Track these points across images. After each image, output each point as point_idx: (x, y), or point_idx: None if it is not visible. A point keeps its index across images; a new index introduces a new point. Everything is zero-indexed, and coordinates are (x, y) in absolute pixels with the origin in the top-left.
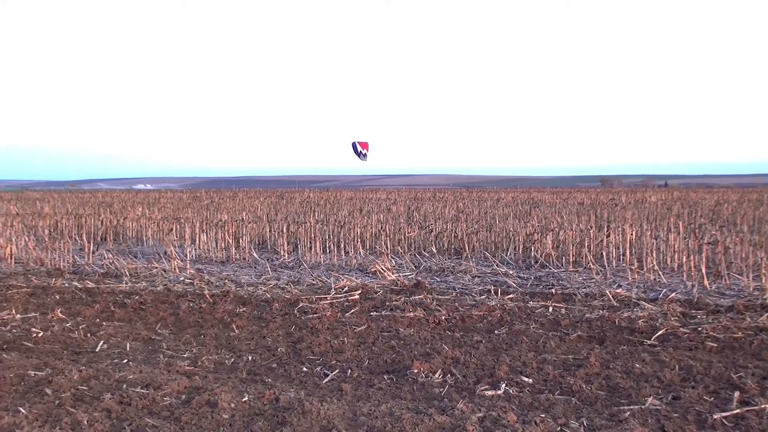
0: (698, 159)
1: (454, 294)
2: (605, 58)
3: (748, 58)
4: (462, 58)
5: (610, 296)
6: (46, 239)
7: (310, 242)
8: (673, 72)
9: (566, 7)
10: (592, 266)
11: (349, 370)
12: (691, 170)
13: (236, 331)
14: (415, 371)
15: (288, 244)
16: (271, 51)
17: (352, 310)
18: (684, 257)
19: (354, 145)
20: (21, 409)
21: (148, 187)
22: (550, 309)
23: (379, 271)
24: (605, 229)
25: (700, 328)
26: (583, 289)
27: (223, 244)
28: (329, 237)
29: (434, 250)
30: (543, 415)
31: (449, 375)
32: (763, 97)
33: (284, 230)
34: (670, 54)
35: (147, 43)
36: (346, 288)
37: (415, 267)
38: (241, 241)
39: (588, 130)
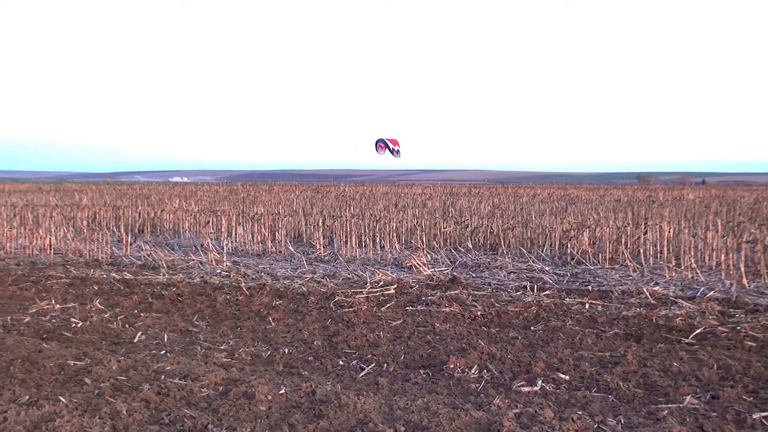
0: (736, 157)
1: (489, 290)
2: (644, 55)
3: None
4: (500, 55)
5: (648, 294)
6: (85, 230)
7: (346, 236)
8: (712, 69)
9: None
10: (629, 263)
11: (385, 365)
12: (729, 168)
13: (272, 323)
14: (451, 366)
15: (323, 237)
16: (308, 46)
17: (388, 305)
18: (722, 255)
19: (381, 142)
20: (61, 398)
21: (185, 180)
22: (587, 306)
23: (415, 266)
24: (642, 227)
25: (738, 327)
26: (620, 287)
27: (259, 237)
28: (365, 231)
29: (470, 245)
30: (580, 413)
31: (485, 371)
32: None
33: (320, 224)
34: (710, 51)
35: (185, 41)
36: (382, 282)
37: (451, 262)
38: (277, 234)
39: (624, 126)
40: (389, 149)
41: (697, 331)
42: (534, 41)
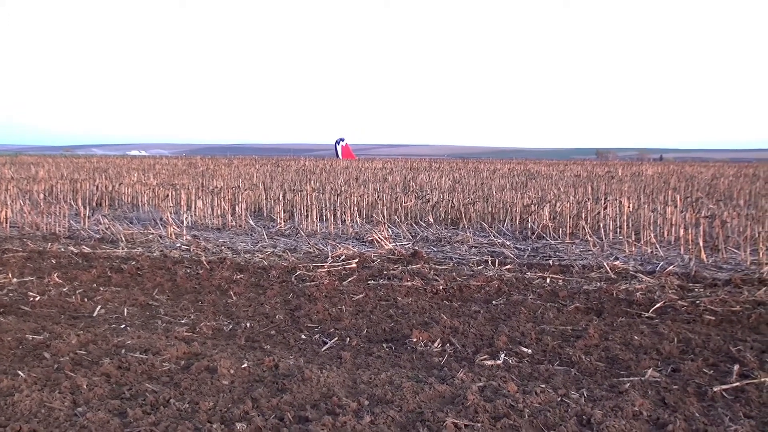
0: (692, 134)
1: (451, 264)
2: (601, 33)
3: (740, 39)
4: (459, 32)
5: (608, 268)
6: (42, 204)
7: (307, 210)
8: (669, 50)
9: None
10: (589, 238)
11: (348, 339)
12: (686, 144)
13: (234, 297)
14: (414, 340)
15: (284, 212)
16: (267, 19)
17: (350, 279)
18: (681, 230)
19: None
20: (20, 372)
21: (143, 153)
22: (548, 280)
23: (376, 240)
24: (602, 202)
25: (698, 302)
26: (581, 261)
27: (219, 211)
28: (326, 205)
29: (431, 219)
30: (543, 386)
31: (448, 344)
32: (752, 75)
33: (280, 198)
34: (666, 33)
35: (141, 17)
36: (344, 256)
37: (412, 236)
38: (237, 208)
39: (582, 103)
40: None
41: (657, 305)
42: (493, 18)
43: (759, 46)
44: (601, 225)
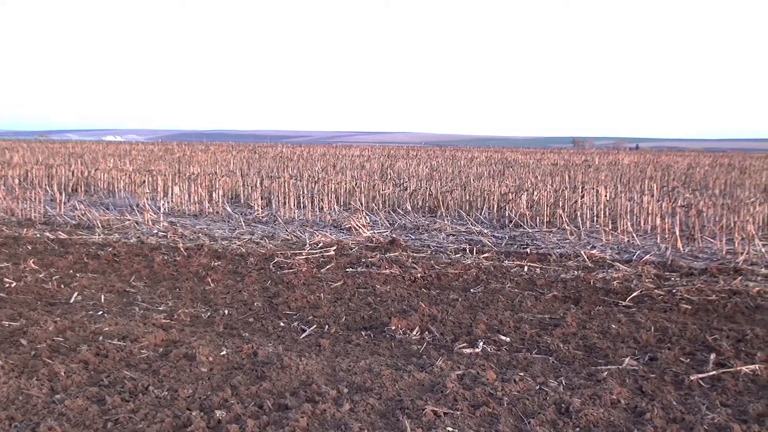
0: (667, 124)
1: (429, 252)
2: (577, 26)
3: (715, 33)
4: (437, 22)
5: (585, 257)
6: (16, 189)
7: (284, 197)
8: (643, 41)
9: None
10: (566, 227)
11: (327, 326)
12: (660, 134)
13: (212, 284)
14: (393, 328)
15: (261, 198)
16: (244, 10)
17: (328, 266)
18: (658, 219)
19: None
20: None
21: (118, 139)
22: (526, 268)
23: (354, 228)
24: (579, 190)
25: (674, 290)
26: (558, 250)
27: (196, 198)
28: (303, 192)
29: (409, 207)
30: (522, 374)
31: (427, 332)
32: (725, 68)
33: (258, 185)
34: (641, 24)
35: (114, 2)
36: (321, 244)
37: (390, 224)
38: (214, 194)
39: (559, 92)
40: None
41: (634, 293)
42: (471, 9)
43: (733, 41)
44: (578, 214)
